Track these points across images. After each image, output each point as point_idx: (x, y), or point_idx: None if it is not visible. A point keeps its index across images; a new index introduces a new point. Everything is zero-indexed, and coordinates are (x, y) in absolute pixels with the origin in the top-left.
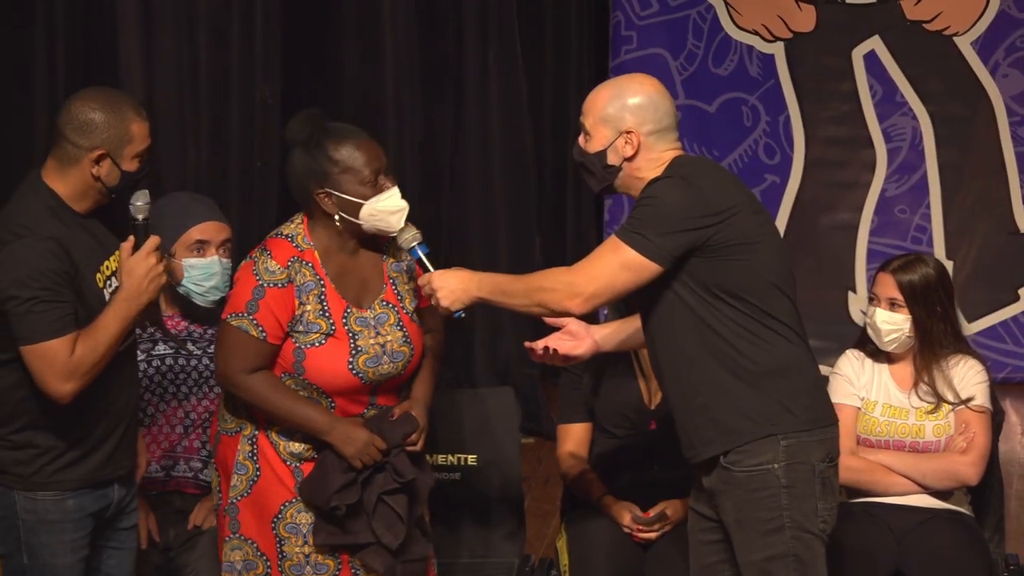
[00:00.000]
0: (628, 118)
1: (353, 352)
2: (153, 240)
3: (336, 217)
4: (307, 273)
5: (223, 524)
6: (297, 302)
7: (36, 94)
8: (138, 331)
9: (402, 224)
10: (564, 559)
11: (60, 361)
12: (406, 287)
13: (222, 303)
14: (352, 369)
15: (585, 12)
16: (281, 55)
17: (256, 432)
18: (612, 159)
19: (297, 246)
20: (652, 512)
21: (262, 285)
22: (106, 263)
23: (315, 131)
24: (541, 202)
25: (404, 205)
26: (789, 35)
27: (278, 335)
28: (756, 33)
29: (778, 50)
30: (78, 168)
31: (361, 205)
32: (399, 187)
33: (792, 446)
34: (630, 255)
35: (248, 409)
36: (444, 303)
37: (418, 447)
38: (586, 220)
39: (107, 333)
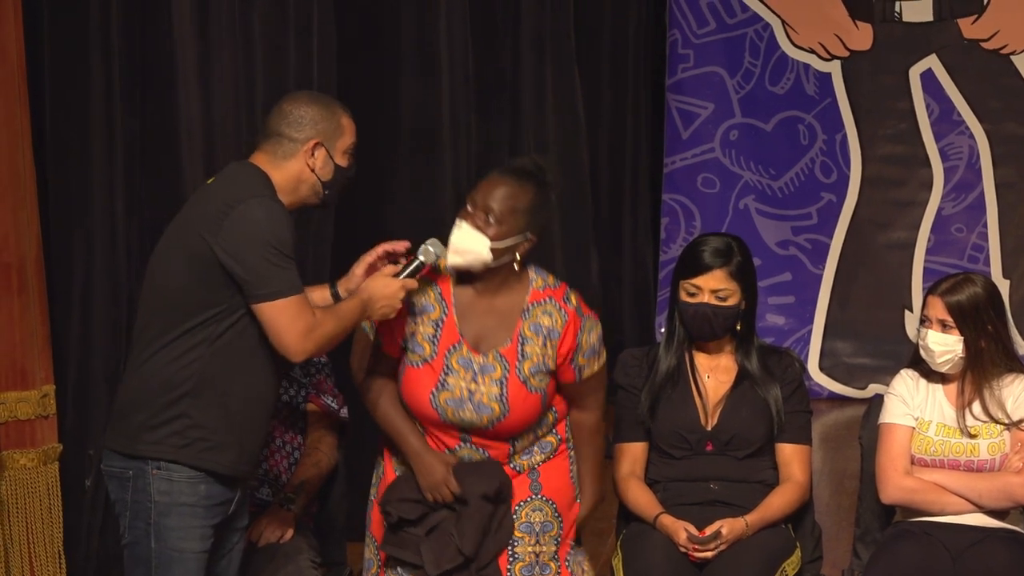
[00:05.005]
0: None
1: (438, 386)
2: (410, 283)
3: None
4: (431, 295)
5: None
6: (408, 319)
7: (93, 111)
8: None
9: (438, 247)
10: None
11: (306, 316)
12: (537, 350)
13: None
14: (432, 402)
15: (642, 30)
16: (337, 71)
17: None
18: None
19: (435, 267)
20: (708, 531)
21: None
22: None
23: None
24: (597, 222)
25: (452, 246)
26: (846, 53)
27: (391, 345)
28: (812, 51)
29: (835, 68)
30: (294, 160)
31: None
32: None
33: None
34: None
35: None
36: None
37: None
38: (643, 240)
39: (349, 314)
